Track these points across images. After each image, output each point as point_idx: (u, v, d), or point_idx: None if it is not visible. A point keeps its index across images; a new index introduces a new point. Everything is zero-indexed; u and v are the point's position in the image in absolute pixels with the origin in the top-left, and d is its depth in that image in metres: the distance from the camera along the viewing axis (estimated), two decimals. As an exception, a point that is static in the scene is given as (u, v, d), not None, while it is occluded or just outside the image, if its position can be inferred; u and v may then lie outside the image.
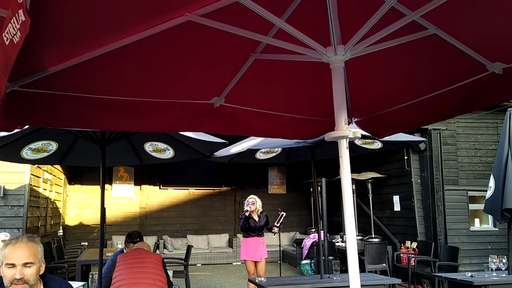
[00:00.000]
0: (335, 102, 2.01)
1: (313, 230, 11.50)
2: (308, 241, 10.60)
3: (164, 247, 11.84)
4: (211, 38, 2.25)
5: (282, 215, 7.33)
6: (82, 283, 4.22)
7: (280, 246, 8.55)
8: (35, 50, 1.92)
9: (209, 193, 13.11)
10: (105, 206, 4.36)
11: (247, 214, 6.78)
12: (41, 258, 2.20)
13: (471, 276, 4.92)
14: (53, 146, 4.62)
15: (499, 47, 2.32)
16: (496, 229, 8.59)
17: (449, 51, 2.37)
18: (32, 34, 1.74)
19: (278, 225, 7.17)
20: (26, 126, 3.37)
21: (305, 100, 3.14)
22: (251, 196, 7.08)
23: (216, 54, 2.45)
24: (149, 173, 12.65)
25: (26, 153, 4.52)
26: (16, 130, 3.64)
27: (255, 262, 6.81)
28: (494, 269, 4.92)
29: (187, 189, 13.05)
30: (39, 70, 2.09)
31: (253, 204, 6.85)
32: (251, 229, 6.83)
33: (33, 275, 2.13)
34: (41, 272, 2.21)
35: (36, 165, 7.45)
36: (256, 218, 6.89)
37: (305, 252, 10.50)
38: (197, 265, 11.47)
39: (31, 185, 7.19)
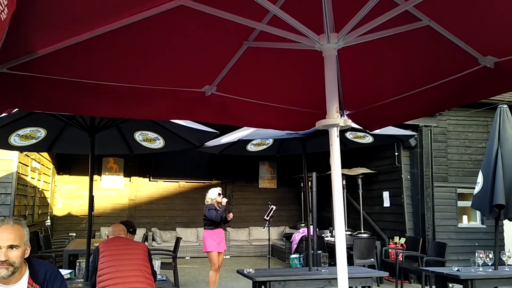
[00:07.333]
0: (327, 90, 2.00)
1: (303, 224, 11.53)
2: (297, 236, 10.63)
3: (153, 239, 11.82)
4: (204, 24, 2.23)
5: (272, 208, 7.38)
6: (69, 270, 4.19)
7: (269, 240, 8.54)
8: (24, 32, 1.89)
9: (199, 186, 13.06)
10: (94, 197, 4.32)
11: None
12: (26, 241, 2.19)
13: (458, 270, 4.96)
14: (41, 133, 4.57)
15: (491, 40, 2.32)
16: (484, 226, 8.68)
17: (441, 44, 2.37)
18: (21, 15, 1.72)
19: (267, 218, 7.27)
20: (15, 110, 3.33)
21: (297, 91, 3.13)
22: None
23: (208, 41, 2.42)
24: (139, 165, 12.58)
25: (14, 139, 4.46)
26: (3, 114, 3.60)
27: (219, 253, 6.71)
28: (480, 264, 4.97)
29: (177, 181, 13.00)
30: (28, 52, 2.05)
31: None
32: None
33: (18, 258, 2.11)
34: (26, 255, 2.20)
35: (24, 153, 7.37)
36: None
37: (294, 246, 10.53)
38: (186, 258, 11.46)
39: (18, 173, 7.11)
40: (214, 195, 6.86)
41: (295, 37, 2.04)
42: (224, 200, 6.94)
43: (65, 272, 4.07)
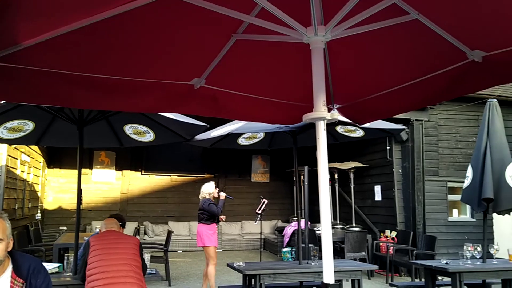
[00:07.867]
0: (314, 83, 2.00)
1: (295, 218, 11.56)
2: (289, 229, 10.67)
3: (145, 233, 11.80)
4: (192, 16, 2.21)
5: (264, 202, 7.39)
6: (58, 264, 4.17)
7: (261, 233, 8.58)
8: (9, 22, 1.86)
9: (191, 180, 13.05)
10: (84, 190, 4.29)
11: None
12: (9, 234, 2.17)
13: (446, 263, 5.00)
14: (29, 125, 4.53)
15: (479, 35, 2.32)
16: (474, 219, 8.75)
17: (430, 38, 2.37)
18: (6, 4, 1.69)
19: (259, 212, 7.29)
20: (2, 102, 3.29)
21: (287, 84, 3.12)
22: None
23: (196, 33, 2.40)
24: (131, 158, 12.53)
25: (1, 132, 4.41)
26: (-10, 107, 3.56)
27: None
28: (469, 257, 5.01)
29: (170, 175, 12.98)
30: (13, 43, 2.02)
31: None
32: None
33: (2, 251, 2.10)
34: (9, 248, 2.18)
35: (14, 146, 7.31)
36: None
37: (286, 240, 10.57)
38: (178, 251, 11.47)
39: (7, 166, 7.06)
40: (211, 189, 6.71)
41: (283, 30, 2.03)
42: (223, 194, 6.81)
43: (53, 265, 4.06)
